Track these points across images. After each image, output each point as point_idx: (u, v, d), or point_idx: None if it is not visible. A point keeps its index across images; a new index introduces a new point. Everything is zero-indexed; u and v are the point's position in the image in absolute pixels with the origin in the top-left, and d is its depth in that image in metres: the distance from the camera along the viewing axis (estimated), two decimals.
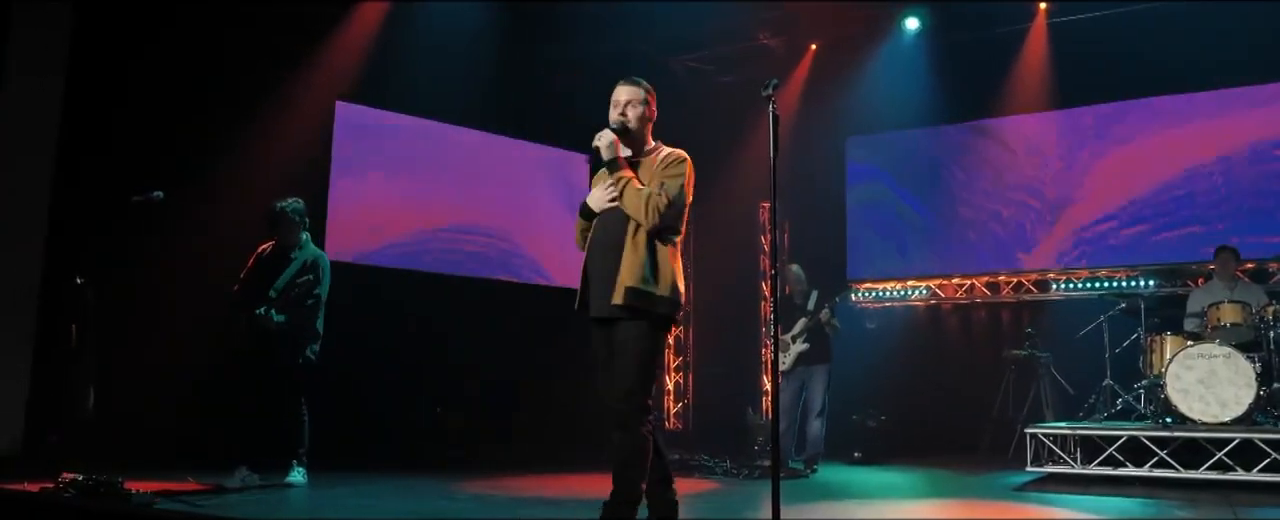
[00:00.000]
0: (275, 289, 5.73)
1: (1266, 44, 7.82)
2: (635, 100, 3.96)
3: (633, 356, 3.65)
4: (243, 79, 7.29)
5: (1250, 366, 6.09)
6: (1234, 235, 7.74)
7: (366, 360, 7.52)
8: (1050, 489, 6.13)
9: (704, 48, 9.63)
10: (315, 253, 5.94)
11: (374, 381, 7.59)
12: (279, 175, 7.14)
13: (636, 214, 3.70)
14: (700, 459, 7.19)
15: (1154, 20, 8.06)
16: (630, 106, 3.93)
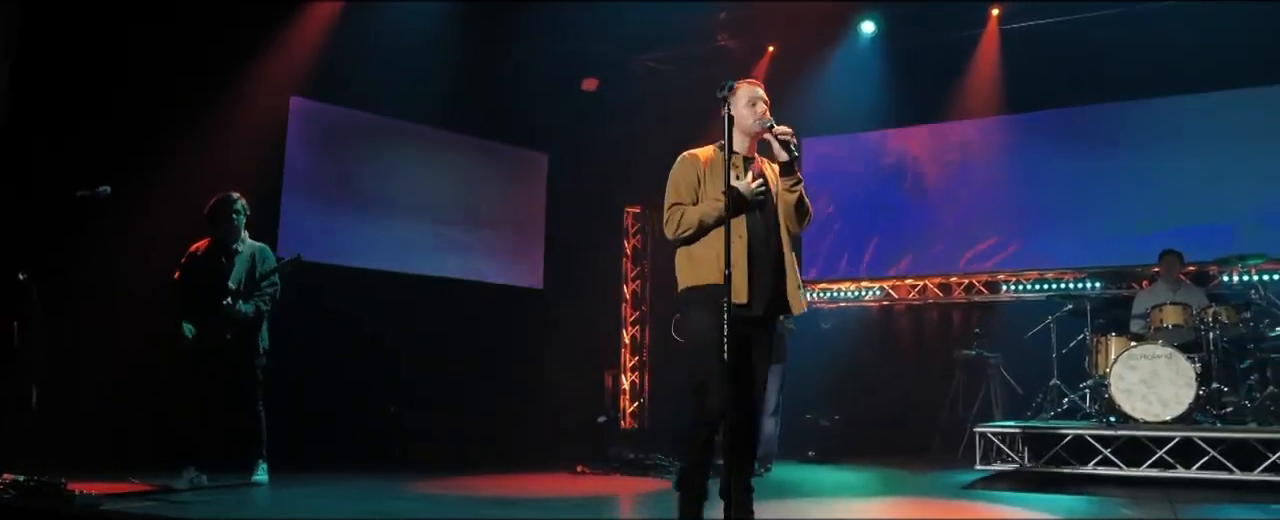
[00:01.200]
0: (235, 282, 5.70)
1: (1213, 53, 8.01)
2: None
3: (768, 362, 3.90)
4: (195, 74, 7.18)
5: (1191, 367, 6.24)
6: (1178, 238, 7.93)
7: (319, 359, 7.44)
8: (998, 487, 6.24)
9: (663, 48, 9.66)
10: (259, 244, 5.95)
11: (327, 380, 7.51)
12: (231, 171, 7.03)
13: (804, 219, 3.90)
14: (655, 458, 7.21)
15: (1104, 27, 8.23)
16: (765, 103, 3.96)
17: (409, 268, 8.64)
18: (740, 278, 3.63)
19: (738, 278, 3.60)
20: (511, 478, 6.58)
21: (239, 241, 5.83)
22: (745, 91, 3.90)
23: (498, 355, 8.85)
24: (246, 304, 5.68)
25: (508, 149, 9.58)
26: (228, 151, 7.27)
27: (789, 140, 3.75)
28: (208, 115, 7.27)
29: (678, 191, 3.84)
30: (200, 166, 7.03)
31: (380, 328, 8.04)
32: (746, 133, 3.91)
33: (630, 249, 10.95)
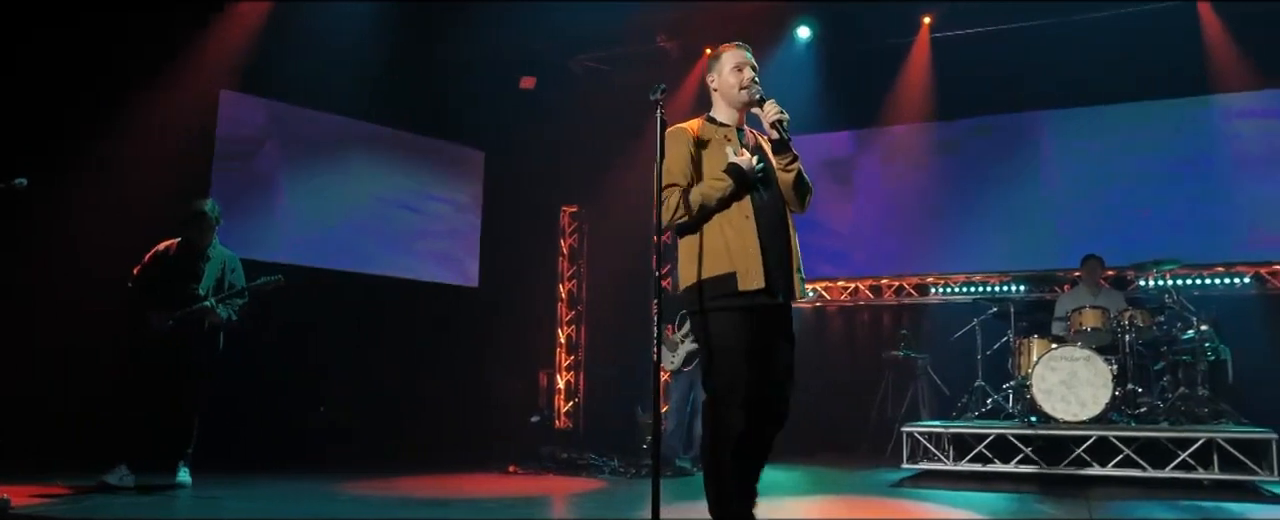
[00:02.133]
0: (204, 288, 5.68)
1: (1134, 65, 8.29)
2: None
3: (793, 345, 3.49)
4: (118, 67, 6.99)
5: (1108, 368, 6.46)
6: (1100, 244, 8.20)
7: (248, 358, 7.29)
8: (924, 485, 6.38)
9: (602, 48, 9.67)
10: (228, 252, 5.96)
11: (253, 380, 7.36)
12: (158, 165, 6.89)
13: (803, 195, 3.60)
14: (588, 458, 7.22)
15: (1031, 38, 8.46)
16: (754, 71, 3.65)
17: (341, 265, 8.52)
18: (756, 262, 3.34)
19: (753, 262, 3.34)
20: (443, 478, 6.54)
21: (211, 247, 5.82)
22: (729, 56, 3.61)
23: (431, 355, 8.78)
24: (222, 308, 5.70)
25: (444, 146, 9.51)
26: (155, 146, 7.11)
27: (779, 120, 3.44)
28: (134, 109, 7.08)
29: (670, 172, 3.45)
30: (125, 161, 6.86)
31: (310, 326, 7.91)
32: (733, 104, 3.61)
33: (567, 248, 10.95)
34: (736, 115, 3.62)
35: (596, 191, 10.22)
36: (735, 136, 3.55)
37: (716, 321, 3.34)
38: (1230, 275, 8.47)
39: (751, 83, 3.54)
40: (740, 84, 3.53)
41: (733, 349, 3.29)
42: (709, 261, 3.38)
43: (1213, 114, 8.55)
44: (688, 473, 7.02)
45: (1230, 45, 8.15)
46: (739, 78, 3.55)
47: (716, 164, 3.43)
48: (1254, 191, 8.30)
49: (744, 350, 3.28)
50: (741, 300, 3.31)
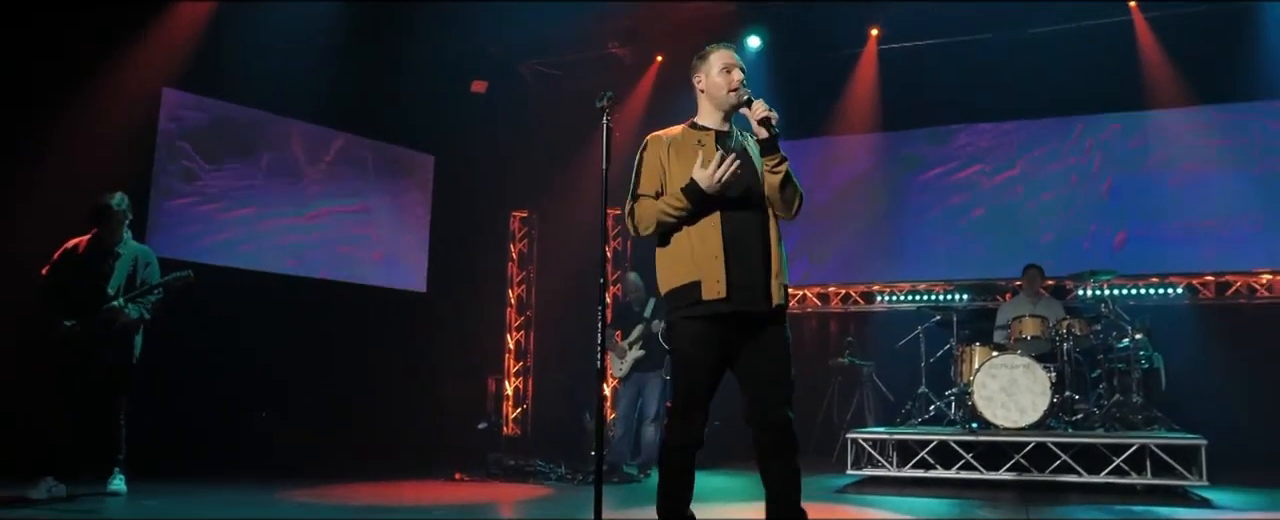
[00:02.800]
0: (114, 286, 5.48)
1: (1077, 79, 8.51)
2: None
3: (788, 359, 3.31)
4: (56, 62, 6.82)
5: (1046, 376, 6.60)
6: (1039, 253, 8.38)
7: (188, 362, 7.16)
8: (868, 490, 6.45)
9: (554, 53, 9.66)
10: (141, 247, 5.75)
11: (194, 385, 7.22)
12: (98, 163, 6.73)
13: (791, 201, 3.38)
14: (535, 464, 7.19)
15: (976, 51, 8.63)
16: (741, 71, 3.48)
17: (285, 269, 8.39)
18: (716, 270, 3.23)
19: (713, 270, 3.23)
20: (387, 485, 6.47)
21: (122, 243, 5.61)
22: (717, 57, 3.48)
23: (378, 360, 8.67)
24: (132, 307, 5.50)
25: (393, 149, 9.42)
26: (94, 144, 6.94)
27: (768, 118, 3.30)
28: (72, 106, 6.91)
29: (639, 182, 3.42)
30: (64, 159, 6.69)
31: (253, 330, 7.76)
32: (720, 106, 3.47)
33: (516, 254, 10.91)
34: (720, 118, 3.50)
35: (547, 197, 10.20)
36: (711, 142, 3.41)
37: (678, 331, 3.33)
38: (1164, 286, 8.71)
39: (740, 85, 3.42)
40: (729, 86, 3.41)
41: (691, 360, 3.27)
42: (676, 270, 3.32)
43: (1148, 129, 8.81)
44: (634, 479, 7.02)
45: (1165, 63, 8.40)
46: (727, 79, 3.42)
47: (684, 176, 3.32)
48: (1186, 205, 8.55)
49: (705, 363, 3.24)
50: (703, 310, 3.24)
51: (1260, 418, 7.53)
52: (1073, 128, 8.99)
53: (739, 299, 3.24)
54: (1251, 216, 8.39)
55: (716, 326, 3.25)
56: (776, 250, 3.34)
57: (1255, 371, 7.96)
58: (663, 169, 3.39)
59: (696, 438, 3.31)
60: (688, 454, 3.32)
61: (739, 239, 3.29)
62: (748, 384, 3.29)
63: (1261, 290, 8.56)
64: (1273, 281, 8.51)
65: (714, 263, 3.24)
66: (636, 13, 8.85)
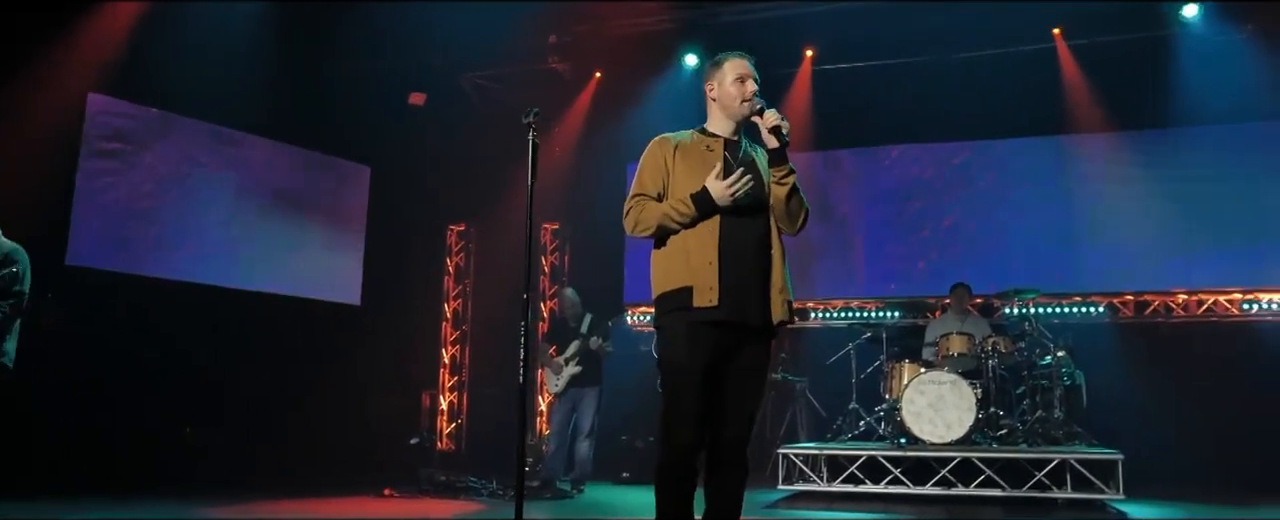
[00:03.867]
0: None
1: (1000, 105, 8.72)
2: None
3: (765, 380, 3.25)
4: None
5: (972, 392, 6.75)
6: (968, 272, 8.58)
7: (111, 374, 6.97)
8: (799, 505, 6.52)
9: (494, 67, 9.63)
10: (11, 245, 5.18)
11: (116, 398, 7.03)
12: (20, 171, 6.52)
13: (796, 215, 3.30)
14: (467, 480, 7.13)
15: (908, 75, 8.81)
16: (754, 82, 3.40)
17: (213, 279, 8.21)
18: (710, 278, 3.12)
19: (707, 278, 3.12)
20: (314, 501, 6.37)
21: None
22: (732, 65, 3.41)
23: (310, 374, 8.51)
24: None
25: (329, 159, 9.29)
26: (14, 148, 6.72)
27: (778, 126, 3.23)
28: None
29: (641, 181, 3.29)
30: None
31: (181, 342, 7.59)
32: (732, 116, 3.38)
33: (453, 267, 10.82)
34: (732, 127, 3.40)
35: (484, 210, 10.15)
36: (720, 149, 3.33)
37: (666, 335, 3.20)
38: (1085, 304, 8.97)
39: (753, 95, 3.35)
40: (742, 96, 3.34)
41: (681, 366, 3.12)
42: (669, 275, 3.21)
43: (1070, 153, 9.09)
44: (567, 495, 7.01)
45: (1086, 89, 8.68)
46: (741, 89, 3.35)
47: (691, 182, 3.23)
48: (1107, 227, 8.83)
49: (692, 367, 3.10)
50: (693, 316, 3.12)
51: (1175, 433, 7.76)
52: (1000, 150, 9.24)
53: (730, 309, 3.12)
54: (1168, 239, 8.68)
55: (707, 331, 3.12)
56: (779, 264, 3.24)
57: (1171, 388, 8.21)
58: (666, 170, 3.29)
59: (690, 456, 3.10)
60: (678, 473, 3.10)
61: (737, 248, 3.19)
62: (718, 396, 3.16)
63: (1178, 309, 8.86)
64: (1188, 301, 8.81)
65: (708, 270, 3.14)
66: (576, 28, 8.88)
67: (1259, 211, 8.45)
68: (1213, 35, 8.19)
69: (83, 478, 6.30)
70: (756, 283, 3.18)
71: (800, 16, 8.31)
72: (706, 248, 3.16)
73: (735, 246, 3.18)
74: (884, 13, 8.13)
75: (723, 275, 3.12)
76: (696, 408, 3.08)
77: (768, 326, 3.20)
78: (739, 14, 8.36)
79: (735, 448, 3.17)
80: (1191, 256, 8.62)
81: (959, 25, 8.14)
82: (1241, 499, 6.78)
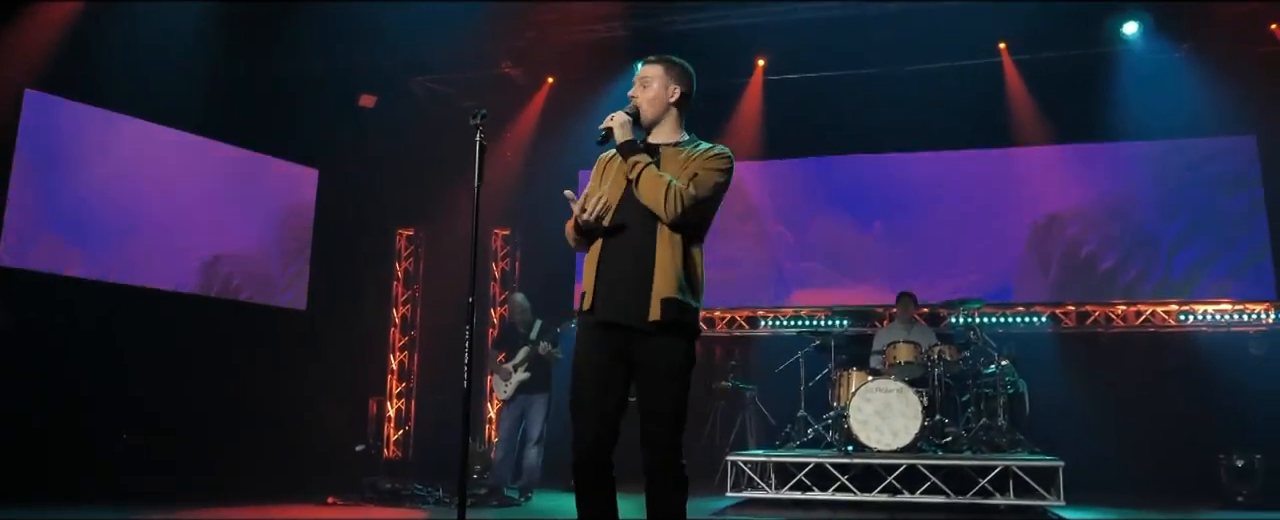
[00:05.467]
0: None
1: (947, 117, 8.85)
2: (653, 78, 3.34)
3: (678, 381, 3.16)
4: None
5: (918, 400, 6.82)
6: (915, 281, 8.69)
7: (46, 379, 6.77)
8: (747, 512, 6.54)
9: (446, 70, 9.55)
10: None
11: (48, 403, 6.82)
12: None
13: (655, 204, 3.13)
14: (413, 488, 7.04)
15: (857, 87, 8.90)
16: (643, 86, 3.33)
17: (154, 282, 8.02)
18: (590, 280, 3.20)
19: (588, 282, 3.20)
20: (253, 509, 6.23)
21: None
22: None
23: (254, 380, 8.35)
24: None
25: (275, 162, 9.14)
26: None
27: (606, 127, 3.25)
28: None
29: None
30: None
31: (119, 346, 7.40)
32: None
33: (402, 272, 10.70)
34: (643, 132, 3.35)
35: (434, 215, 10.05)
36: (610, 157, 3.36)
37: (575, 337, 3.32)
38: (1029, 314, 9.13)
39: (630, 97, 3.36)
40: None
41: (575, 365, 3.23)
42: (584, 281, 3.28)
43: (1014, 165, 9.27)
44: (514, 503, 6.94)
45: (1031, 102, 8.85)
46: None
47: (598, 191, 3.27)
48: (1050, 238, 9.02)
49: (585, 365, 3.18)
50: (586, 318, 3.22)
51: (1114, 441, 7.93)
52: (947, 161, 9.39)
53: (606, 311, 3.16)
54: (1108, 251, 8.89)
55: (600, 333, 3.17)
56: (665, 263, 3.16)
57: (1111, 397, 8.40)
58: (598, 182, 3.35)
59: (588, 452, 3.13)
60: (585, 471, 3.16)
61: (616, 250, 3.21)
62: (639, 404, 3.19)
63: (1117, 320, 9.05)
64: (1127, 312, 9.01)
65: (590, 273, 3.21)
66: (528, 34, 8.84)
67: (1196, 226, 8.69)
68: (1152, 53, 8.41)
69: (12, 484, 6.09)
70: (636, 284, 3.15)
71: (752, 26, 8.37)
72: (593, 252, 3.24)
73: (615, 249, 3.21)
74: (836, 23, 8.21)
75: (599, 278, 3.19)
76: (589, 404, 3.13)
77: (648, 326, 3.13)
78: (690, 23, 8.39)
79: (653, 448, 3.15)
80: (1131, 268, 8.83)
81: (909, 37, 8.25)
82: (1177, 505, 6.94)
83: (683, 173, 3.19)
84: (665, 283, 3.14)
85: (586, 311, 3.20)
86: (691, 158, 3.25)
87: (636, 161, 3.19)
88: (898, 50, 8.49)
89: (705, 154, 3.27)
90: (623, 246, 3.21)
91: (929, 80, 8.70)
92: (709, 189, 3.21)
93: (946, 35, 8.19)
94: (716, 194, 3.26)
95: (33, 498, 5.98)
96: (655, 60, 3.38)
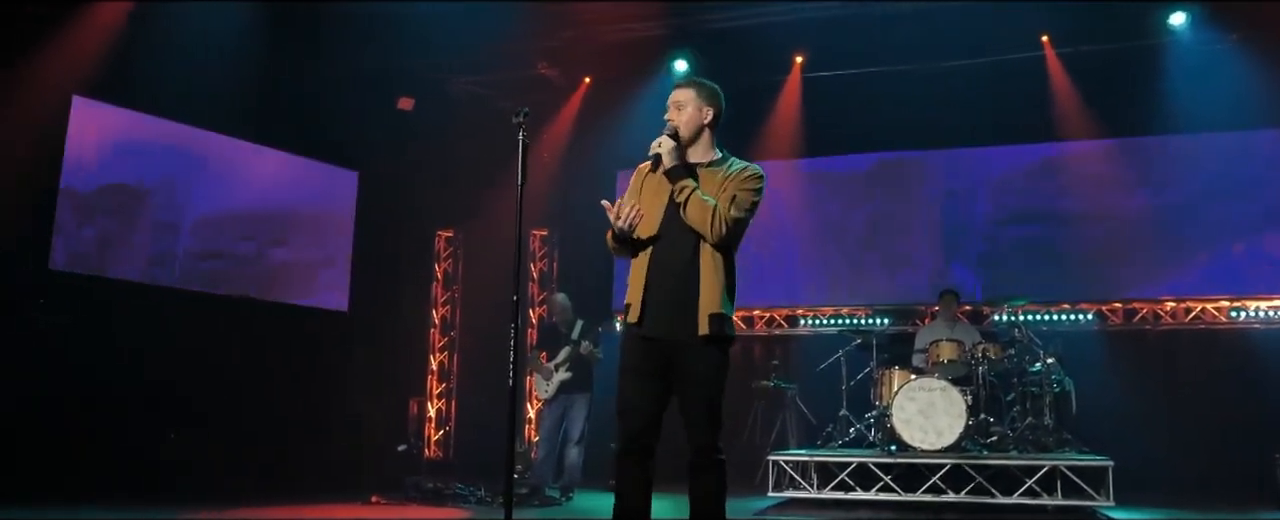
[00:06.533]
0: None
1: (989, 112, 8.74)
2: (684, 102, 3.52)
3: (716, 389, 3.38)
4: None
5: (962, 399, 6.74)
6: (958, 279, 8.58)
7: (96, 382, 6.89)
8: (789, 512, 6.50)
9: (483, 72, 9.60)
10: None
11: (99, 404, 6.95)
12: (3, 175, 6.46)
13: (702, 226, 3.35)
14: (454, 488, 7.08)
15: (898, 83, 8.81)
16: (678, 109, 3.51)
17: (199, 285, 8.14)
18: (637, 296, 3.40)
19: (636, 295, 3.40)
20: (300, 508, 6.30)
21: None
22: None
23: (296, 381, 8.44)
24: None
25: (315, 165, 9.23)
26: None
27: (655, 153, 3.45)
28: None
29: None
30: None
31: (164, 348, 7.51)
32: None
33: (441, 273, 10.77)
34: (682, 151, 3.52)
35: (473, 216, 10.11)
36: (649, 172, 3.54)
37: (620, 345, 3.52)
38: (1074, 312, 8.99)
39: (666, 119, 3.53)
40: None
41: (623, 371, 3.42)
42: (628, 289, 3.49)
43: (1060, 161, 9.11)
44: (556, 502, 6.96)
45: (1075, 96, 8.70)
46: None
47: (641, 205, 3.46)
48: (1094, 235, 8.86)
49: (629, 368, 3.40)
50: (633, 330, 3.41)
51: (1164, 440, 7.79)
52: (989, 157, 9.26)
53: (653, 327, 3.37)
54: (1156, 247, 8.72)
55: (645, 344, 3.38)
56: (709, 279, 3.37)
57: (1160, 395, 8.25)
58: (635, 193, 3.54)
59: (629, 444, 3.37)
60: (629, 455, 3.40)
61: (663, 267, 3.40)
62: (680, 408, 3.42)
63: (1166, 317, 8.88)
64: (1176, 309, 8.83)
65: (637, 288, 3.41)
66: (565, 34, 8.84)
67: (1246, 219, 8.49)
68: (1200, 44, 8.23)
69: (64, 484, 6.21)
70: (684, 300, 3.37)
71: (790, 23, 8.31)
72: (639, 268, 3.44)
73: (662, 266, 3.41)
74: (874, 19, 8.13)
75: (648, 295, 3.39)
76: (634, 405, 3.36)
77: (699, 340, 3.34)
78: (728, 20, 8.36)
79: (697, 450, 3.39)
80: (1180, 264, 8.65)
81: (949, 32, 8.15)
82: (1230, 506, 6.79)
83: (722, 193, 3.41)
84: (711, 299, 3.36)
85: (633, 324, 3.40)
86: (728, 178, 3.45)
87: (684, 187, 3.39)
88: (937, 45, 8.39)
89: (740, 175, 3.46)
90: (668, 263, 3.40)
91: (970, 75, 8.59)
92: (747, 209, 3.43)
93: (987, 30, 8.07)
94: (752, 212, 3.48)
95: (82, 496, 6.09)
96: (686, 84, 3.57)
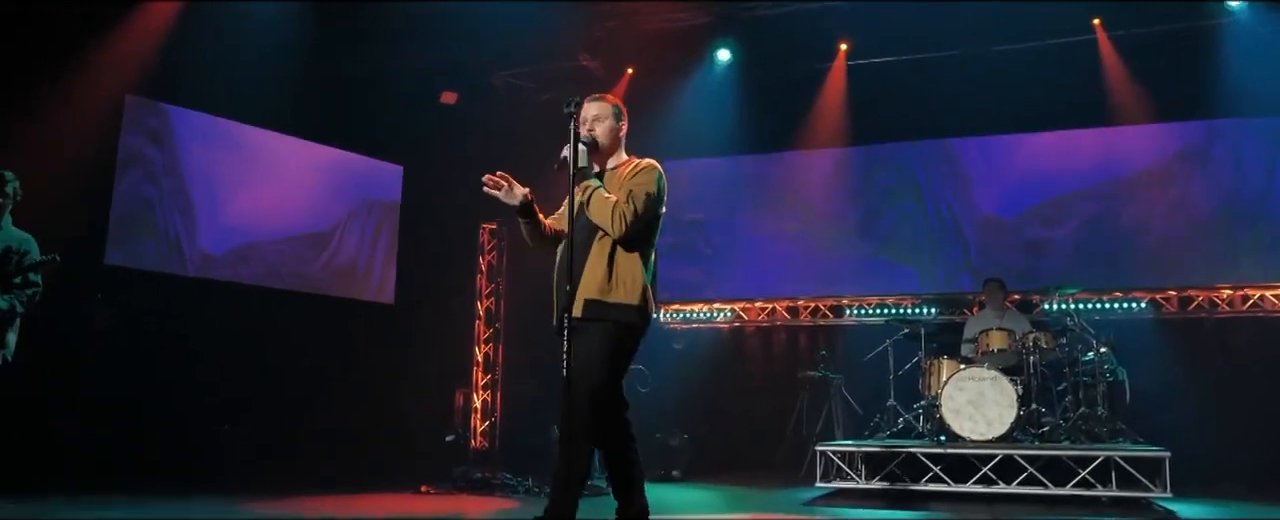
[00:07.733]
0: None
1: (1039, 97, 8.58)
2: (603, 115, 3.93)
3: (593, 360, 3.60)
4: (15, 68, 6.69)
5: (1013, 389, 6.63)
6: (1006, 267, 8.45)
7: (148, 375, 7.03)
8: (837, 503, 6.44)
9: (525, 65, 9.62)
10: (23, 235, 5.09)
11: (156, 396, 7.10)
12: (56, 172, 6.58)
13: (603, 222, 3.68)
14: (502, 478, 7.12)
15: (943, 68, 8.69)
16: (598, 121, 3.91)
17: (250, 279, 8.27)
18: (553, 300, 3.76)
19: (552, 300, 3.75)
20: (351, 498, 6.38)
21: None
22: None
23: (345, 372, 8.56)
24: (4, 299, 4.85)
25: (361, 160, 9.33)
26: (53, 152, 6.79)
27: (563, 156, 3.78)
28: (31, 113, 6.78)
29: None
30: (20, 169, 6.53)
31: (216, 342, 7.66)
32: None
33: (485, 265, 10.82)
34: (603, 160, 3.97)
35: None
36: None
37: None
38: (1128, 300, 8.81)
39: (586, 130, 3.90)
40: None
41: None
42: None
43: (1111, 146, 8.91)
44: (603, 491, 6.95)
45: (1128, 80, 8.51)
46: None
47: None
48: (1148, 221, 8.67)
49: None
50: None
51: (1221, 430, 7.61)
52: (1039, 143, 9.10)
53: (558, 319, 3.68)
54: (1212, 233, 8.51)
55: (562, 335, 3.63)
56: (595, 267, 3.69)
57: (1216, 384, 8.06)
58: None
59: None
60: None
61: (563, 267, 3.74)
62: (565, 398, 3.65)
63: (1222, 305, 8.67)
64: (1233, 296, 8.63)
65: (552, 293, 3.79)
66: (607, 25, 8.83)
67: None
68: (1260, 25, 8.00)
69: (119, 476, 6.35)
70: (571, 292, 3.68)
71: (834, 10, 8.22)
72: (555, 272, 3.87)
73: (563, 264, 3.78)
74: (919, 5, 8.01)
75: (556, 291, 3.78)
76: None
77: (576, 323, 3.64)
78: (773, 8, 8.29)
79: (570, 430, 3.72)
80: (1237, 251, 8.44)
81: (996, 16, 8.00)
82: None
83: (620, 190, 3.73)
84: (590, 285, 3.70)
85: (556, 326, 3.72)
86: (627, 175, 3.80)
87: (586, 186, 3.75)
88: (985, 30, 8.25)
89: (635, 170, 3.81)
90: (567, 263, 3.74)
91: (1019, 60, 8.43)
92: (642, 199, 3.70)
93: (1036, 12, 7.92)
94: (654, 202, 3.75)
95: (137, 486, 6.22)
96: (600, 99, 3.99)
